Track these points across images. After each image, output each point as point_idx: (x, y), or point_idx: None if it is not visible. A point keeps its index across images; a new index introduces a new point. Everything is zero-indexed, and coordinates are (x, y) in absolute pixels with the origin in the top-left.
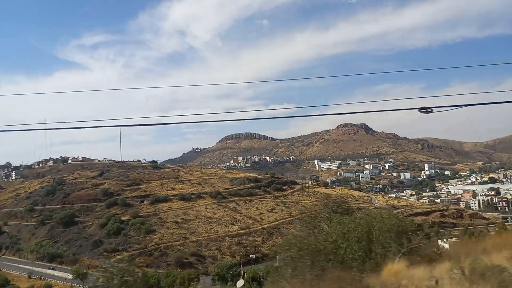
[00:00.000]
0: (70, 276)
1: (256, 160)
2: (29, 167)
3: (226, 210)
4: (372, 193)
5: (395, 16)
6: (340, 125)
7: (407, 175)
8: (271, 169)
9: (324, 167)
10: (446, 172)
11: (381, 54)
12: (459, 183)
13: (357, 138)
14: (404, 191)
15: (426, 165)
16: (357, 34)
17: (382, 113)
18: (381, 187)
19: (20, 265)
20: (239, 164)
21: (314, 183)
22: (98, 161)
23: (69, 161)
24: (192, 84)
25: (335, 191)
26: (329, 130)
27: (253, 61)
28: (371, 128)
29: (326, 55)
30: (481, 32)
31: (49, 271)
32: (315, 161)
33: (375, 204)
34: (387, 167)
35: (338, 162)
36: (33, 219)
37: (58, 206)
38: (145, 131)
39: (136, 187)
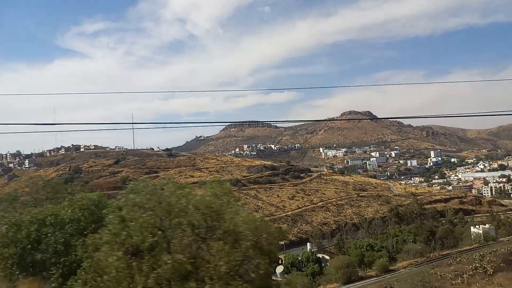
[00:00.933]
0: None
1: (261, 148)
2: (41, 155)
3: (248, 197)
4: (389, 181)
5: (398, 4)
6: (344, 112)
7: (414, 162)
8: (277, 157)
9: (330, 155)
10: (452, 160)
11: (383, 42)
12: (467, 170)
13: (361, 126)
14: (413, 178)
15: (432, 153)
16: (359, 21)
17: (385, 101)
18: (388, 174)
19: None
20: (245, 152)
21: (330, 171)
22: (110, 149)
23: (82, 149)
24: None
25: (352, 179)
26: (333, 118)
27: (254, 48)
28: (375, 115)
29: (328, 42)
30: (484, 19)
31: None
32: (321, 149)
33: (394, 192)
34: (393, 155)
35: (344, 149)
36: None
37: None
38: (144, 119)
39: (154, 175)
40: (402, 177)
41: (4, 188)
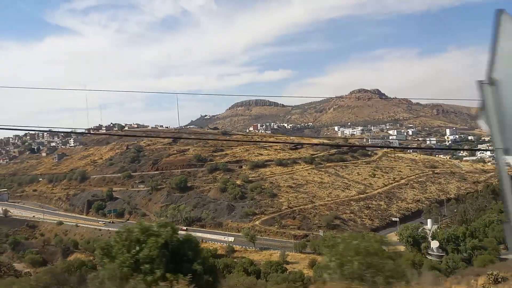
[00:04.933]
0: (229, 239)
1: (275, 127)
2: (81, 134)
3: (330, 175)
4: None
5: None
6: (353, 91)
7: (433, 140)
8: (291, 135)
9: (348, 133)
10: (469, 137)
11: (379, 18)
12: (490, 147)
13: (371, 104)
14: (437, 156)
15: (447, 131)
16: None
17: (393, 76)
18: (411, 152)
19: None
20: (259, 131)
21: (391, 149)
22: (152, 127)
23: (126, 128)
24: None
25: (416, 157)
26: (342, 96)
27: (248, 25)
28: (384, 93)
29: (323, 19)
30: None
31: (199, 234)
32: (336, 127)
33: (463, 168)
34: (410, 133)
35: (360, 128)
36: (140, 184)
37: (156, 172)
38: (137, 98)
39: (222, 153)
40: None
41: (60, 167)
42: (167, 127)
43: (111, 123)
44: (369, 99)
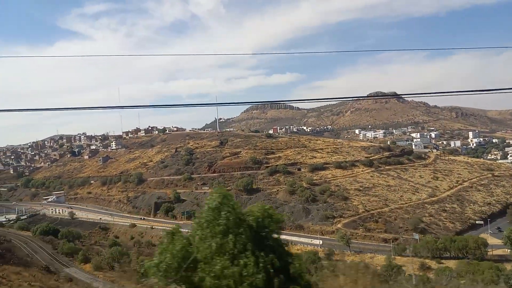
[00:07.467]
0: (317, 242)
1: (295, 130)
2: (120, 137)
3: (394, 178)
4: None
5: None
6: (370, 93)
7: (457, 143)
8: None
9: (370, 136)
10: (494, 140)
11: (387, 21)
12: None
13: (389, 107)
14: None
15: (470, 133)
16: (364, 0)
17: (402, 79)
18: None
19: None
20: (279, 134)
21: (442, 152)
22: (192, 130)
23: (166, 131)
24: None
25: (467, 159)
26: (360, 97)
27: (256, 29)
28: (400, 96)
29: (331, 22)
30: None
31: (283, 237)
32: (357, 130)
33: None
34: (433, 136)
35: (381, 131)
36: (204, 186)
37: (215, 174)
38: (144, 101)
39: (275, 155)
40: None
41: (107, 169)
42: (207, 130)
43: (149, 126)
44: (386, 102)
